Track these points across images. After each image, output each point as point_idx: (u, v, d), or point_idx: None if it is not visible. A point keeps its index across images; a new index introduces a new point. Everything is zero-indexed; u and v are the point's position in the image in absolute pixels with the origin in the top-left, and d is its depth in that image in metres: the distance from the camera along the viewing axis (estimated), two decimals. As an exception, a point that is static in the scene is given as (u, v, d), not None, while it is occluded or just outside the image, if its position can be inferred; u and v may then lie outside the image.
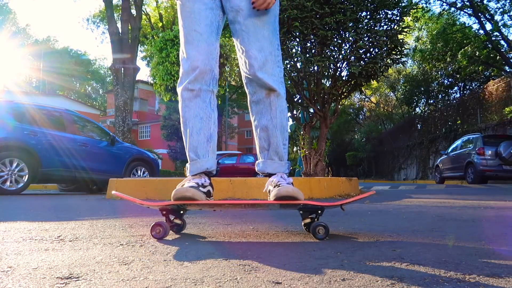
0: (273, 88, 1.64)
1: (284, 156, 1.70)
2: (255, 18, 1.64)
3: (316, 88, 6.18)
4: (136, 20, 16.34)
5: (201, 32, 1.64)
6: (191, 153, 1.65)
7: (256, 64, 1.62)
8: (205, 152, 1.65)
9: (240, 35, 1.66)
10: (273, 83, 1.64)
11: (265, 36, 1.65)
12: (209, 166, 1.66)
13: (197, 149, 1.64)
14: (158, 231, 1.57)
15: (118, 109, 14.84)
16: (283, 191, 1.56)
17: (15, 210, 3.12)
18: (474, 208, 3.08)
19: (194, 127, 1.63)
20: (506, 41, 17.78)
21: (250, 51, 1.63)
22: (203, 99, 1.64)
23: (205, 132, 1.64)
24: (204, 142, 1.64)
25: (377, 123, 33.19)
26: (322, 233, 1.54)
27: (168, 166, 27.23)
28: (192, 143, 1.64)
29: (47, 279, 0.95)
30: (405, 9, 5.97)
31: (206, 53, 1.63)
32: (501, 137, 11.40)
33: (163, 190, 4.57)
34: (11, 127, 6.22)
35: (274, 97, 1.65)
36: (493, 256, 1.23)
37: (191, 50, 1.64)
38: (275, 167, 1.70)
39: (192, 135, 1.63)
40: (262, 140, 1.70)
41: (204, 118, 1.64)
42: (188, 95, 1.63)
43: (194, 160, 1.65)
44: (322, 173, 6.14)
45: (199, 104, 1.63)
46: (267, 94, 1.65)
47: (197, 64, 1.62)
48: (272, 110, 1.66)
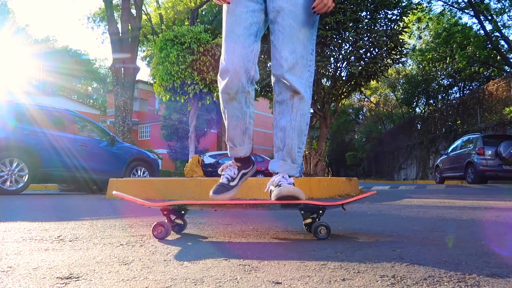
0: (298, 91, 1.67)
1: (298, 159, 1.74)
2: (293, 20, 1.66)
3: (316, 88, 6.18)
4: (136, 20, 16.34)
5: (239, 35, 1.68)
6: (229, 142, 1.83)
7: (286, 65, 1.65)
8: (240, 141, 1.81)
9: (276, 35, 1.69)
10: (299, 86, 1.67)
11: (300, 39, 1.67)
12: (244, 153, 1.84)
13: (233, 140, 1.80)
14: (160, 231, 1.57)
15: (118, 109, 14.83)
16: (285, 191, 1.59)
17: (15, 210, 3.12)
18: (474, 208, 3.08)
19: (231, 124, 1.77)
20: (506, 41, 17.78)
21: (282, 51, 1.66)
22: (238, 101, 1.71)
23: (241, 126, 1.78)
24: (239, 135, 1.79)
25: (377, 123, 33.19)
26: (323, 233, 1.55)
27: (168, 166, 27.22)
28: (229, 135, 1.80)
29: (47, 279, 0.95)
30: (405, 9, 5.97)
31: (242, 56, 1.67)
32: (501, 137, 11.39)
33: (163, 190, 4.57)
34: (12, 127, 6.22)
35: (297, 100, 1.69)
36: (493, 256, 1.23)
37: (228, 52, 1.69)
38: (286, 169, 1.74)
39: (229, 129, 1.79)
40: (278, 140, 1.75)
41: (239, 117, 1.75)
42: (225, 97, 1.72)
43: (231, 147, 1.83)
44: (322, 173, 6.15)
45: (235, 106, 1.73)
46: (291, 96, 1.68)
47: (233, 66, 1.66)
48: (293, 112, 1.70)
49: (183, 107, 24.02)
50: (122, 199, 4.23)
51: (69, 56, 46.55)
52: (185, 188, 4.41)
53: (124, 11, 15.66)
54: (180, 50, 7.19)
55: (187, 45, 7.21)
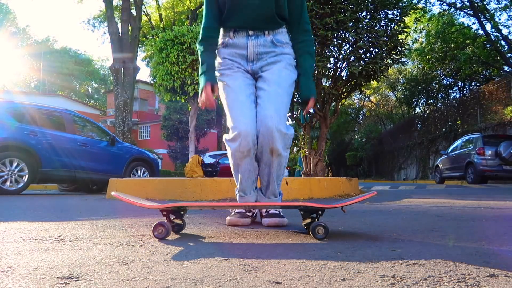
0: (276, 149, 1.88)
1: (277, 192, 2.07)
2: (278, 87, 1.94)
3: (316, 88, 6.17)
4: (136, 20, 16.35)
5: (244, 101, 1.94)
6: (241, 192, 2.05)
7: (271, 122, 1.86)
8: (250, 191, 2.05)
9: (263, 96, 1.94)
10: (280, 146, 1.89)
11: (283, 102, 1.94)
12: (253, 200, 2.08)
13: (245, 190, 2.04)
14: (161, 231, 1.57)
15: (118, 109, 14.84)
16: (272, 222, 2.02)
17: (15, 210, 3.12)
18: (474, 208, 3.08)
19: (244, 177, 2.00)
20: (506, 41, 17.78)
21: (268, 109, 1.89)
22: (251, 157, 1.95)
23: (252, 178, 2.02)
24: (250, 185, 2.04)
25: (377, 123, 33.19)
26: (321, 233, 1.55)
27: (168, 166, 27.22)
28: (242, 187, 2.03)
29: (47, 279, 0.95)
30: (405, 9, 5.97)
31: (251, 118, 1.90)
32: (501, 137, 11.39)
33: (163, 190, 4.57)
34: (11, 127, 6.21)
35: (275, 156, 1.91)
36: (493, 256, 1.23)
37: (238, 116, 1.91)
38: None
39: (242, 182, 2.02)
40: (264, 181, 2.05)
41: (251, 170, 1.99)
42: (240, 155, 1.93)
43: (242, 197, 2.06)
44: (322, 173, 6.14)
45: (248, 161, 1.95)
46: (270, 152, 1.90)
47: (245, 128, 1.88)
48: (272, 166, 1.96)
49: (183, 107, 24.02)
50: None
51: (69, 56, 46.54)
52: (185, 188, 4.41)
53: (124, 11, 15.67)
54: (180, 50, 7.19)
55: (187, 45, 7.21)
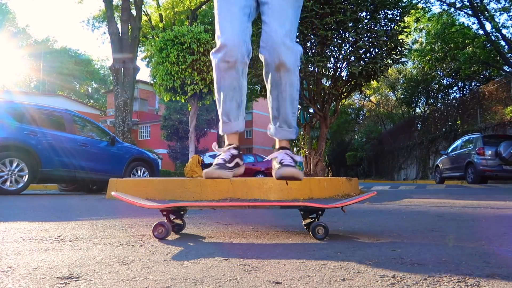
0: (284, 62, 1.70)
1: (293, 123, 1.83)
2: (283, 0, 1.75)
3: (316, 88, 6.18)
4: (136, 20, 16.34)
5: (235, 13, 1.74)
6: (224, 117, 1.80)
7: (275, 36, 1.70)
8: (235, 116, 1.80)
9: (267, 13, 1.76)
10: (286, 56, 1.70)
11: (288, 15, 1.75)
12: (239, 128, 1.83)
13: (229, 114, 1.79)
14: (161, 231, 1.57)
15: (118, 109, 14.84)
16: (288, 172, 1.67)
17: (15, 210, 3.12)
18: (474, 208, 3.08)
19: (227, 95, 1.77)
20: (506, 41, 17.78)
21: (272, 24, 1.72)
22: (237, 70, 1.73)
23: (237, 99, 1.78)
24: (235, 108, 1.79)
25: (377, 123, 33.19)
26: (321, 233, 1.55)
27: (168, 166, 27.23)
28: (225, 108, 1.78)
29: (47, 279, 0.95)
30: (405, 9, 5.97)
31: (240, 29, 1.73)
32: (501, 137, 11.40)
33: (163, 190, 4.57)
34: (11, 127, 6.21)
35: (284, 72, 1.73)
36: (493, 256, 1.23)
37: (226, 26, 1.73)
38: (284, 134, 1.84)
39: (226, 102, 1.77)
40: (273, 109, 1.83)
41: (236, 88, 1.76)
42: (224, 66, 1.72)
43: (226, 123, 1.81)
44: (322, 173, 6.14)
45: (233, 75, 1.73)
46: (278, 68, 1.72)
47: (232, 37, 1.71)
48: (282, 85, 1.76)
49: (183, 107, 24.04)
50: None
51: (69, 56, 46.55)
52: (185, 188, 4.41)
53: (124, 11, 15.67)
54: (180, 50, 7.19)
55: (187, 45, 7.21)
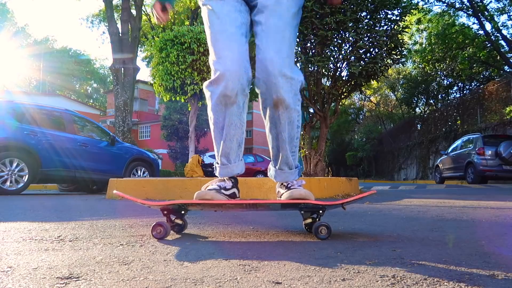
0: (282, 98, 1.54)
1: (293, 163, 1.68)
2: (278, 19, 1.56)
3: (316, 88, 6.18)
4: (136, 20, 16.34)
5: (232, 33, 1.55)
6: (223, 159, 1.63)
7: (272, 66, 1.52)
8: (235, 157, 1.64)
9: (260, 34, 1.58)
10: (284, 92, 1.53)
11: (285, 38, 1.56)
12: (239, 171, 1.68)
13: (229, 155, 1.62)
14: (159, 231, 1.57)
15: (118, 109, 14.84)
16: (296, 193, 1.57)
17: (15, 210, 3.12)
18: (474, 208, 3.08)
19: (228, 135, 1.60)
20: (506, 41, 17.78)
21: (267, 51, 1.54)
22: (238, 105, 1.56)
23: (238, 138, 1.62)
24: (235, 148, 1.63)
25: (377, 123, 33.20)
26: (324, 233, 1.54)
27: (168, 166, 27.23)
28: (225, 149, 1.61)
29: (47, 279, 0.95)
30: (405, 9, 5.97)
31: (240, 53, 1.53)
32: (501, 137, 11.40)
33: (163, 190, 4.57)
34: (11, 127, 6.22)
35: (282, 110, 1.57)
36: (493, 256, 1.23)
37: (223, 50, 1.53)
38: (285, 177, 1.71)
39: (226, 142, 1.60)
40: (273, 148, 1.69)
41: (238, 125, 1.60)
42: (223, 102, 1.55)
43: (224, 165, 1.64)
44: (322, 173, 6.14)
45: (234, 111, 1.57)
46: (275, 105, 1.56)
47: (232, 65, 1.51)
48: (281, 124, 1.60)
49: (183, 107, 24.04)
50: (122, 199, 4.23)
51: (69, 56, 46.56)
52: (185, 188, 4.41)
53: (124, 11, 15.66)
54: (180, 50, 7.19)
55: (187, 45, 7.21)
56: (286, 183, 1.68)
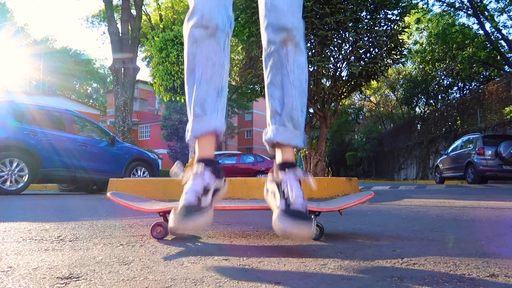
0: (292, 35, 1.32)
1: (301, 124, 1.34)
2: None
3: (316, 88, 6.18)
4: (136, 20, 16.35)
5: None
6: (197, 108, 1.27)
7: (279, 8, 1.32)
8: (213, 108, 1.28)
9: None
10: (294, 30, 1.32)
11: None
12: (218, 126, 1.29)
13: (205, 102, 1.27)
14: (159, 231, 1.57)
15: (118, 109, 14.84)
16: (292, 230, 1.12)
17: (15, 210, 3.12)
18: (474, 208, 3.08)
19: (204, 74, 1.27)
20: (506, 41, 17.79)
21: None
22: (218, 40, 1.29)
23: (216, 82, 1.29)
24: (214, 95, 1.28)
25: (377, 123, 33.21)
26: (317, 233, 1.55)
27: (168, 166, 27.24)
28: (200, 94, 1.27)
29: (47, 279, 0.95)
30: (405, 9, 5.98)
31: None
32: (501, 137, 11.41)
33: (163, 190, 4.57)
34: (11, 127, 6.22)
35: (291, 47, 1.32)
36: (493, 256, 1.23)
37: None
38: (288, 137, 1.32)
39: (201, 84, 1.27)
40: (275, 101, 1.34)
41: (216, 65, 1.29)
42: (201, 33, 1.27)
43: (199, 117, 1.27)
44: (322, 173, 6.14)
45: (213, 46, 1.29)
46: (284, 42, 1.32)
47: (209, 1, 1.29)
48: (289, 63, 1.32)
49: (183, 107, 24.03)
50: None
51: (69, 56, 46.57)
52: (185, 188, 4.41)
53: (124, 11, 15.67)
54: (180, 50, 7.19)
55: (187, 45, 7.22)
56: (282, 189, 1.23)
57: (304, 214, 1.16)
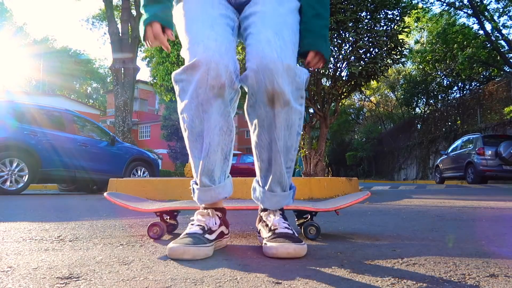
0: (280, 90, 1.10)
1: (288, 182, 1.26)
2: (278, 5, 1.18)
3: (316, 88, 6.18)
4: (136, 20, 16.33)
5: (215, 17, 1.17)
6: (204, 178, 1.19)
7: (269, 48, 1.08)
8: (221, 175, 1.22)
9: (255, 21, 1.17)
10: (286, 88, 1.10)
11: (288, 24, 1.16)
12: (227, 194, 1.25)
13: (213, 173, 1.18)
14: (156, 231, 1.58)
15: (118, 109, 14.84)
16: (283, 251, 1.13)
17: (15, 210, 3.12)
18: (474, 208, 3.08)
19: (212, 142, 1.15)
20: (506, 41, 17.79)
21: (264, 32, 1.12)
22: (225, 102, 1.13)
23: (224, 148, 1.18)
24: (221, 163, 1.20)
25: (377, 123, 33.21)
26: (313, 233, 1.56)
27: (168, 166, 27.24)
28: (208, 165, 1.17)
29: (47, 279, 0.95)
30: (405, 9, 5.98)
31: (226, 37, 1.13)
32: (501, 137, 11.41)
33: (163, 190, 4.57)
34: (11, 127, 6.22)
35: (279, 108, 1.13)
36: (493, 256, 1.23)
37: (204, 32, 1.12)
38: (276, 201, 1.29)
39: (209, 154, 1.15)
40: (262, 162, 1.25)
41: (224, 130, 1.16)
42: (207, 94, 1.09)
43: (207, 187, 1.20)
44: (322, 173, 6.14)
45: (221, 109, 1.13)
46: (270, 100, 1.12)
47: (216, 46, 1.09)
48: (276, 128, 1.15)
49: (183, 107, 24.04)
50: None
51: (69, 56, 46.57)
52: (185, 188, 4.41)
53: (124, 11, 15.66)
54: (180, 50, 7.21)
55: (187, 45, 7.22)
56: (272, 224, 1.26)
57: (290, 234, 1.20)
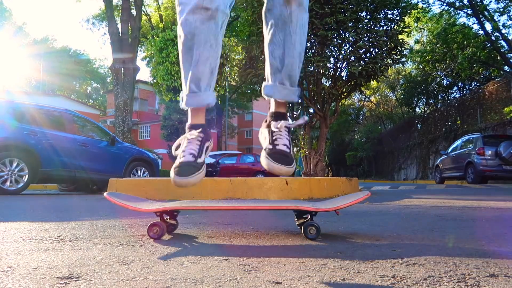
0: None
1: (297, 80, 1.44)
2: None
3: (316, 88, 6.18)
4: (136, 20, 16.34)
5: None
6: (192, 85, 1.38)
7: None
8: (207, 84, 1.40)
9: None
10: None
11: None
12: (210, 101, 1.43)
13: (200, 81, 1.38)
14: (156, 231, 1.57)
15: (118, 109, 14.84)
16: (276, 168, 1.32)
17: (15, 210, 3.12)
18: (474, 208, 3.08)
19: (202, 56, 1.35)
20: (506, 41, 17.78)
21: None
22: (216, 23, 1.33)
23: (211, 62, 1.38)
24: (208, 74, 1.39)
25: (377, 123, 33.22)
26: (313, 233, 1.55)
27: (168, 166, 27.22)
28: (196, 73, 1.37)
29: (47, 279, 0.95)
30: (405, 9, 5.98)
31: None
32: (501, 137, 11.41)
33: (163, 190, 4.57)
34: (11, 127, 6.21)
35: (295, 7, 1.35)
36: (493, 256, 1.23)
37: None
38: (285, 94, 1.45)
39: (198, 64, 1.36)
40: (276, 59, 1.42)
41: (213, 46, 1.36)
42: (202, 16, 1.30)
43: (194, 93, 1.39)
44: (322, 173, 6.15)
45: (212, 28, 1.33)
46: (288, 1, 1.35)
47: None
48: (292, 24, 1.36)
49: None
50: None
51: (69, 56, 46.58)
52: (185, 188, 4.41)
53: (124, 11, 15.67)
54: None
55: (187, 45, 7.22)
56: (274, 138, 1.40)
57: (286, 153, 1.35)
